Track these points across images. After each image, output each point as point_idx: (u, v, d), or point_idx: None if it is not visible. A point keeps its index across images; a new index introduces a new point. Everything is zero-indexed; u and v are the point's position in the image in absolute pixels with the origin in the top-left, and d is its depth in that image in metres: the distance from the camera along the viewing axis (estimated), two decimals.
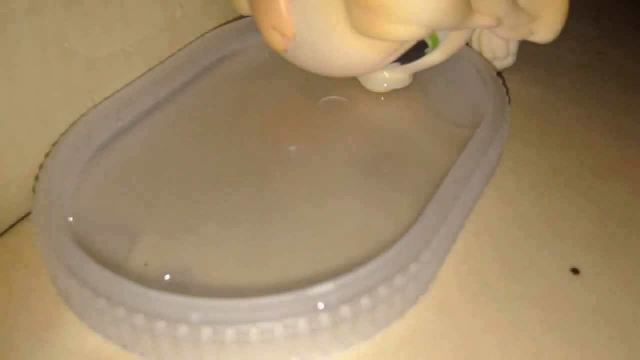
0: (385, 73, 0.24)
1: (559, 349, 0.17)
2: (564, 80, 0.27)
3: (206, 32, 0.26)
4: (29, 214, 0.20)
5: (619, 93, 0.26)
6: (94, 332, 0.17)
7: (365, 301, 0.16)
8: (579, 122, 0.25)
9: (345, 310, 0.16)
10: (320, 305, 0.15)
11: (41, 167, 0.19)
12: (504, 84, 0.23)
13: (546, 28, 0.24)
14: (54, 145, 0.20)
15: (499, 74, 0.24)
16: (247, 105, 0.24)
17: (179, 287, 0.16)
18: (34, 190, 0.19)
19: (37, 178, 0.19)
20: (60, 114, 0.21)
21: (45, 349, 0.17)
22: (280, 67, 0.26)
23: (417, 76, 0.25)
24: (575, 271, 0.19)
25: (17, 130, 0.20)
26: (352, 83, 0.25)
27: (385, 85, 0.24)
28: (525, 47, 0.28)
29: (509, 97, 0.23)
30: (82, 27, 0.21)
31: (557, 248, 0.20)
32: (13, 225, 0.20)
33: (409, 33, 0.19)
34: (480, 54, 0.25)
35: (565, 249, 0.20)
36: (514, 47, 0.26)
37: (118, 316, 0.15)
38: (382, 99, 0.24)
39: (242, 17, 0.26)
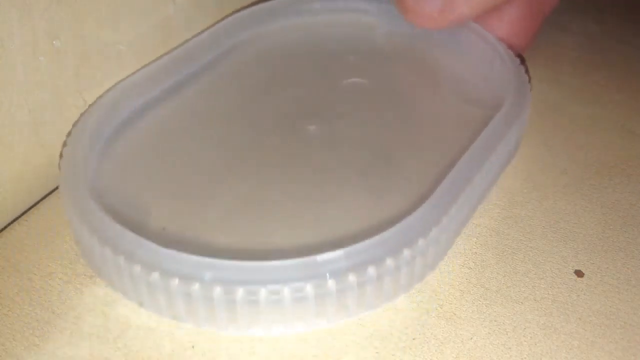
0: None
1: (563, 353, 0.17)
2: (567, 78, 0.27)
3: (232, 12, 0.26)
4: (18, 217, 0.20)
5: (623, 91, 0.26)
6: (112, 290, 0.18)
7: (371, 271, 0.16)
8: (583, 121, 0.24)
9: (352, 278, 0.16)
10: (328, 272, 0.16)
11: (68, 134, 0.20)
12: (523, 62, 0.23)
13: None
14: (81, 114, 0.21)
15: (519, 55, 0.24)
16: (269, 86, 0.25)
17: (194, 248, 0.16)
18: (60, 156, 0.20)
19: (65, 144, 0.20)
20: (50, 113, 0.20)
21: (35, 356, 0.16)
22: (302, 50, 0.26)
23: (436, 56, 0.25)
24: (579, 273, 0.19)
25: (6, 130, 0.19)
26: (374, 65, 0.25)
27: None
28: None
29: (529, 76, 0.22)
30: (73, 24, 0.20)
31: (560, 250, 0.19)
32: (4, 229, 0.20)
33: None
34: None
35: (568, 251, 0.19)
36: None
37: (135, 273, 0.16)
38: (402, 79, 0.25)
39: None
